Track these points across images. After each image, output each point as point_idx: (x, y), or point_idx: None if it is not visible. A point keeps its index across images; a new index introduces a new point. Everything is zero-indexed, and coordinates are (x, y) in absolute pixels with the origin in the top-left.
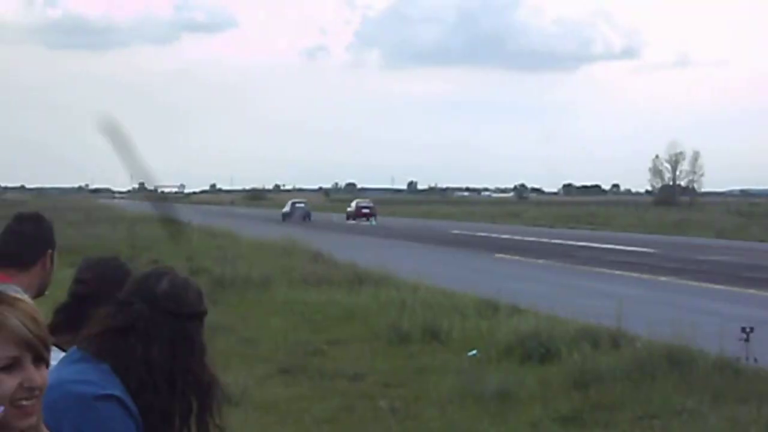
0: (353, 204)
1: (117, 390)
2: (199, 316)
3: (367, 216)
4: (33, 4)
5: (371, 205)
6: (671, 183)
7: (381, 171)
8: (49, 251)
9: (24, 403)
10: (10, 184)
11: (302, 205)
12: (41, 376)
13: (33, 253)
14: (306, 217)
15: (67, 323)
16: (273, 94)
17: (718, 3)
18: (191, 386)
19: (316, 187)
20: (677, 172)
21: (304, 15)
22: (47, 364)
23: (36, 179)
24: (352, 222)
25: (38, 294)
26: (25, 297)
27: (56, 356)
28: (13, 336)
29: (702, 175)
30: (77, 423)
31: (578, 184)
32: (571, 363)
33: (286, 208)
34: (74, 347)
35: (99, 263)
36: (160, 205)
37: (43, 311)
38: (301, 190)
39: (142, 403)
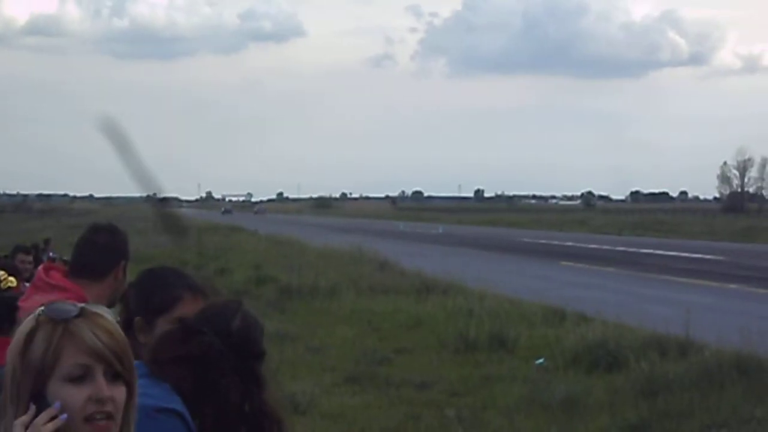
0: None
1: (179, 406)
2: (263, 355)
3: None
4: (100, 14)
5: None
6: (739, 190)
7: (448, 179)
8: (123, 262)
9: (97, 418)
10: (78, 194)
11: (230, 207)
12: (114, 391)
13: (106, 264)
14: (229, 212)
15: None
16: (339, 103)
17: None
18: (261, 422)
19: (382, 195)
20: (745, 179)
21: (370, 24)
22: (126, 383)
23: (104, 188)
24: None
25: (109, 305)
26: (107, 314)
27: None
28: (85, 347)
29: None
30: None
31: (646, 191)
32: (638, 371)
33: (224, 208)
34: (138, 362)
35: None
36: (161, 207)
37: None
38: (367, 198)
39: (202, 421)
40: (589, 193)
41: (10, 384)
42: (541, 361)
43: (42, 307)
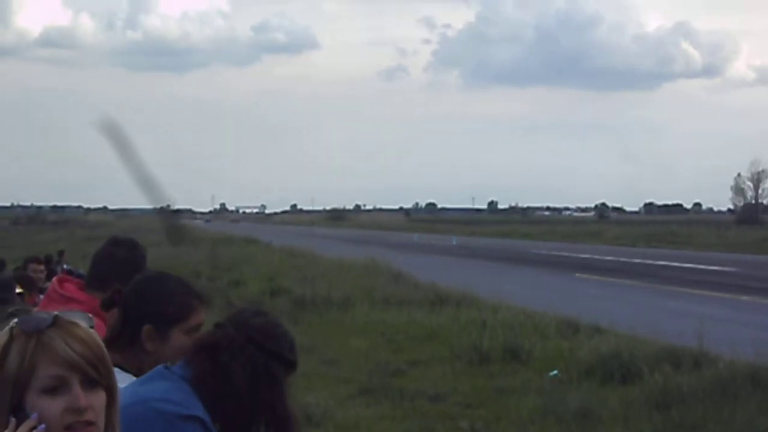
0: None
1: (200, 412)
2: (285, 361)
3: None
4: (113, 26)
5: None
6: (753, 201)
7: (462, 191)
8: None
9: (77, 428)
10: (92, 206)
11: (208, 218)
12: (92, 398)
13: (122, 276)
14: (208, 221)
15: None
16: (353, 115)
17: None
18: (267, 419)
19: (396, 207)
20: (759, 191)
21: (383, 35)
22: (106, 388)
23: (118, 200)
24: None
25: None
26: (82, 321)
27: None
28: (59, 358)
29: None
30: None
31: (659, 202)
32: (652, 383)
33: (206, 218)
34: (161, 366)
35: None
36: (161, 207)
37: None
38: (381, 210)
39: (220, 423)
40: (603, 204)
41: None
42: (555, 373)
43: (15, 320)
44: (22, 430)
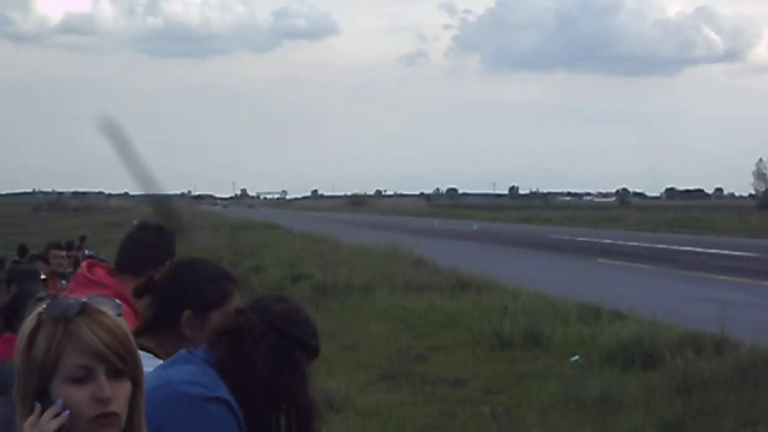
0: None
1: (225, 394)
2: (307, 347)
3: None
4: (134, 12)
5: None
6: None
7: (482, 176)
8: (168, 262)
9: (101, 417)
10: (113, 191)
11: (226, 203)
12: (117, 388)
13: (149, 261)
14: (226, 206)
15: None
16: (373, 101)
17: None
18: (289, 406)
19: (417, 192)
20: None
21: (403, 21)
22: (133, 379)
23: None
24: None
25: None
26: (110, 309)
27: (148, 362)
28: (85, 347)
29: None
30: (184, 423)
31: (681, 188)
32: (674, 369)
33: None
34: (183, 349)
35: (174, 267)
36: (159, 204)
37: None
38: (402, 195)
39: (243, 408)
40: (624, 190)
41: (17, 382)
42: (576, 358)
43: (44, 305)
44: (46, 416)
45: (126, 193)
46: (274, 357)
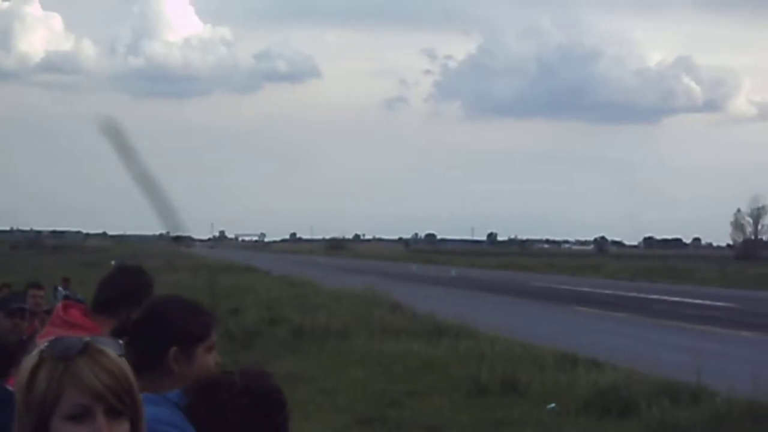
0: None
1: None
2: (274, 425)
3: None
4: (115, 52)
5: None
6: (753, 237)
7: (461, 222)
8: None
9: None
10: (92, 231)
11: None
12: (115, 428)
13: (126, 303)
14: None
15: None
16: (353, 145)
17: None
18: None
19: (396, 237)
20: (759, 227)
21: (384, 65)
22: (131, 419)
23: (118, 226)
24: None
25: None
26: (111, 350)
27: None
28: (85, 387)
29: None
30: None
31: (659, 237)
32: (650, 417)
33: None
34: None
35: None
36: (163, 209)
37: None
38: (381, 240)
39: None
40: (603, 238)
41: (17, 418)
42: (552, 405)
43: (46, 343)
44: None
45: (104, 233)
46: (243, 420)
